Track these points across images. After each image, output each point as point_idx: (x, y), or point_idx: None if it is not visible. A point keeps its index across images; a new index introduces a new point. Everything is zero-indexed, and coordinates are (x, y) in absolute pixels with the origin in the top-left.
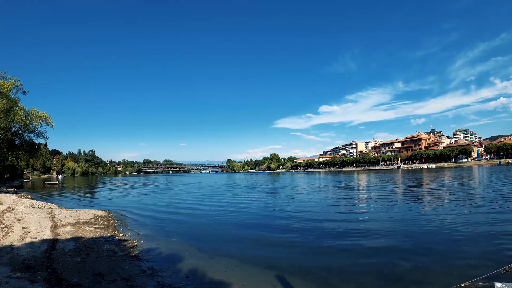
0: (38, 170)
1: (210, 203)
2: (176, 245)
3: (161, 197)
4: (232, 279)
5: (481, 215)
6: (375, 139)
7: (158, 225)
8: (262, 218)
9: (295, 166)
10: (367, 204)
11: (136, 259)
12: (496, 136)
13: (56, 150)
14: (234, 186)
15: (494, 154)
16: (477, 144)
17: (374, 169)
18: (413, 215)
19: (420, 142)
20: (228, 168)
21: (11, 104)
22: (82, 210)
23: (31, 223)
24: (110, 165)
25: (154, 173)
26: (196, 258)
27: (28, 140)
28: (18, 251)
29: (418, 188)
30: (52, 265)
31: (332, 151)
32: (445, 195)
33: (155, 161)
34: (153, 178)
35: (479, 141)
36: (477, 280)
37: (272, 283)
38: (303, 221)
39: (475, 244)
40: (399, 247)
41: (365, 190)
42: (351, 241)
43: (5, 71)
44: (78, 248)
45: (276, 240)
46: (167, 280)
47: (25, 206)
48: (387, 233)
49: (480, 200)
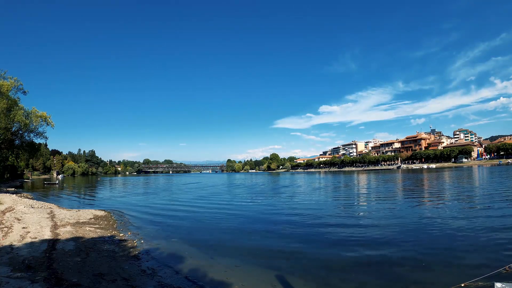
0: (38, 170)
1: (210, 204)
2: (176, 245)
3: (161, 197)
4: (232, 279)
5: (481, 215)
6: (375, 139)
7: (158, 225)
8: (262, 218)
9: (295, 166)
10: (367, 204)
11: (136, 259)
12: (496, 136)
13: (56, 150)
14: (234, 187)
15: (494, 154)
16: (477, 144)
17: (374, 169)
18: (413, 215)
19: (420, 142)
20: (228, 168)
21: (11, 104)
22: (82, 210)
23: (31, 223)
24: (110, 165)
25: (154, 173)
26: (196, 258)
27: (28, 140)
28: (18, 251)
29: (418, 188)
30: (52, 265)
31: (332, 151)
32: (445, 195)
33: (155, 161)
34: (153, 178)
35: (479, 141)
36: (477, 280)
37: (272, 283)
38: (303, 221)
39: (475, 244)
40: (399, 247)
41: (365, 190)
42: (351, 241)
43: (5, 71)
44: (78, 248)
45: (276, 240)
46: (167, 280)
47: (25, 206)
48: (387, 233)
49: (480, 200)
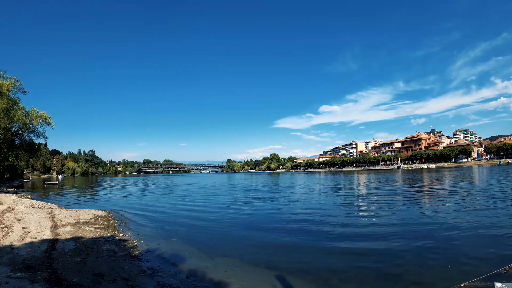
0: (38, 170)
1: (210, 204)
2: (176, 245)
3: (161, 198)
4: (232, 279)
5: (481, 215)
6: (375, 139)
7: (158, 225)
8: (262, 219)
9: (295, 166)
10: (367, 204)
11: (136, 259)
12: (496, 136)
13: (56, 150)
14: (234, 187)
15: (494, 154)
16: (477, 144)
17: (374, 169)
18: (412, 215)
19: (420, 142)
20: (228, 168)
21: (11, 103)
22: (82, 210)
23: (31, 223)
24: (110, 165)
25: (154, 173)
26: (196, 258)
27: (28, 140)
28: (18, 251)
29: (418, 188)
30: (52, 265)
31: (332, 151)
32: (444, 195)
33: (155, 161)
34: (153, 178)
35: (479, 141)
36: (477, 280)
37: (272, 283)
38: (303, 221)
39: (475, 244)
40: (399, 247)
41: (364, 191)
42: (351, 241)
43: (5, 71)
44: (78, 248)
45: (276, 241)
46: (167, 280)
47: (25, 206)
48: (387, 233)
49: (480, 200)
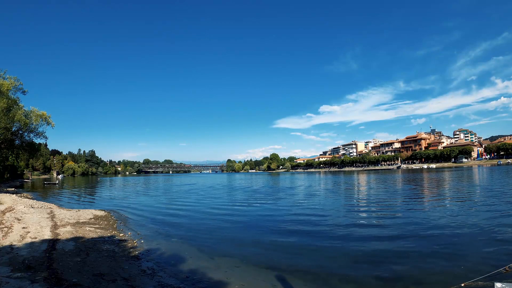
0: (38, 170)
1: (210, 204)
2: (176, 245)
3: (161, 198)
4: (232, 279)
5: (481, 215)
6: (375, 139)
7: (158, 225)
8: (262, 219)
9: (295, 166)
10: (367, 205)
11: (136, 259)
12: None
13: (56, 150)
14: (233, 187)
15: (494, 154)
16: (477, 144)
17: (374, 169)
18: (412, 215)
19: (420, 142)
20: (228, 168)
21: (11, 103)
22: (82, 210)
23: (31, 223)
24: (110, 165)
25: (154, 173)
26: (196, 258)
27: (28, 140)
28: (18, 251)
29: (418, 189)
30: (52, 265)
31: (332, 151)
32: (444, 195)
33: (155, 161)
34: (153, 178)
35: (479, 141)
36: (477, 280)
37: (272, 283)
38: (303, 222)
39: (475, 244)
40: (399, 247)
41: (364, 191)
42: (351, 241)
43: (4, 71)
44: (78, 248)
45: (276, 241)
46: (167, 280)
47: (25, 206)
48: (387, 233)
49: (480, 200)
